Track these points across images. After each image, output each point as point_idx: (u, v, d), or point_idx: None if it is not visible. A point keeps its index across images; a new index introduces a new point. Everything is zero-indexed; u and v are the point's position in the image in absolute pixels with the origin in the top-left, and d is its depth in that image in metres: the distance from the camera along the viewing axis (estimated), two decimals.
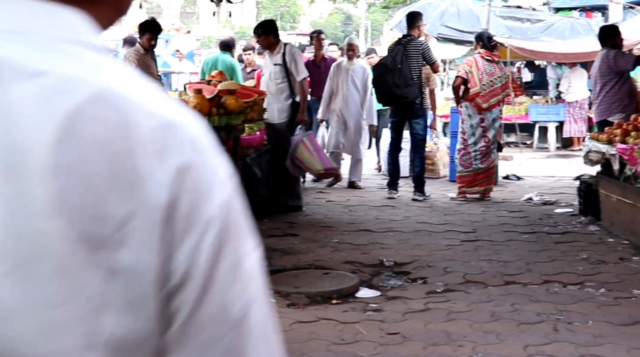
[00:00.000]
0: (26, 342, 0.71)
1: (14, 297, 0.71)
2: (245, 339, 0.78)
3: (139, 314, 0.74)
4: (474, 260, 7.02)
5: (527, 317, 5.37)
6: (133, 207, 0.73)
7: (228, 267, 0.77)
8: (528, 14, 18.51)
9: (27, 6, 0.77)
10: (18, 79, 0.73)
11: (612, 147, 8.34)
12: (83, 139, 0.73)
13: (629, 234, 7.73)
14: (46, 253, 0.71)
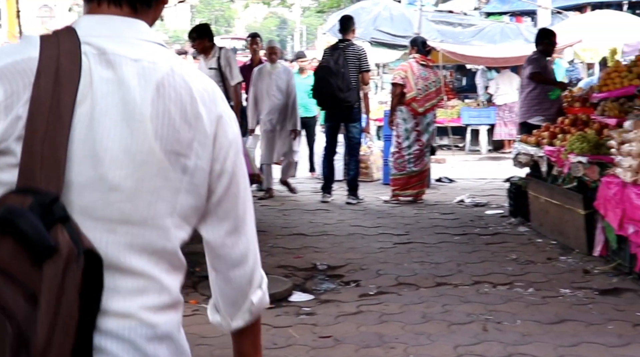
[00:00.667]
0: (138, 210, 1.44)
1: (134, 185, 1.43)
2: (246, 203, 1.66)
3: (196, 195, 1.53)
4: (406, 262, 7.10)
5: (457, 318, 5.45)
6: (194, 135, 1.50)
7: (240, 167, 1.61)
8: (459, 19, 18.79)
9: (118, 20, 1.51)
10: (125, 63, 1.46)
11: (540, 149, 8.52)
12: (166, 97, 1.47)
13: (557, 235, 7.90)
14: (152, 160, 1.45)
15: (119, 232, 1.45)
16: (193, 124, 1.50)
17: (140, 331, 1.47)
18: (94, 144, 1.43)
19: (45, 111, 1.40)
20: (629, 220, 6.19)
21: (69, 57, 1.45)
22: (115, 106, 1.44)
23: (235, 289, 1.71)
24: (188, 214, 1.54)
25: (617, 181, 6.52)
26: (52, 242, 1.31)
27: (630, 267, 6.41)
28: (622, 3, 21.30)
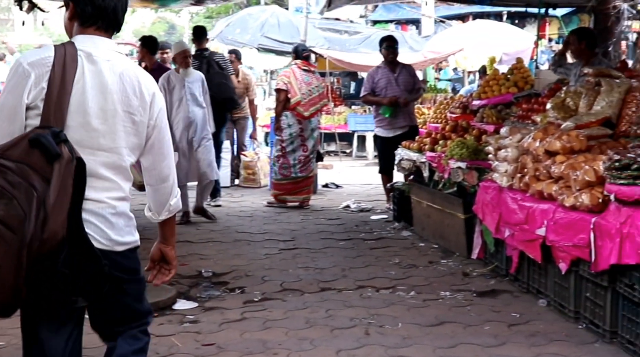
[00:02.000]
0: (107, 143, 2.84)
1: (104, 129, 2.83)
2: (169, 144, 3.07)
3: (140, 137, 2.94)
4: (291, 268, 7.13)
5: (340, 323, 5.51)
6: (140, 103, 2.91)
7: (164, 123, 3.03)
8: (346, 26, 19.04)
9: (97, 38, 2.91)
10: (102, 62, 2.86)
11: (422, 155, 8.72)
12: (124, 81, 2.88)
13: (438, 238, 8.09)
14: (116, 115, 2.86)
15: (96, 155, 2.86)
16: (139, 97, 2.94)
17: (108, 210, 2.91)
18: (83, 105, 2.83)
19: (56, 86, 2.77)
20: (505, 223, 6.40)
21: (70, 57, 2.83)
22: (96, 85, 2.86)
23: (161, 196, 3.17)
24: (134, 148, 2.98)
25: (494, 186, 6.73)
26: (59, 151, 2.64)
27: (506, 269, 6.63)
28: (501, 13, 22.03)
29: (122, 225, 2.94)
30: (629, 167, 4.92)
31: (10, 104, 2.80)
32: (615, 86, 6.54)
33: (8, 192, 2.55)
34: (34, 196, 2.56)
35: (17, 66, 2.83)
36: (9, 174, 2.58)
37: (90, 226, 2.82)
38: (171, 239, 3.27)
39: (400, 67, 10.45)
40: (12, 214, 2.54)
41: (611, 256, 4.88)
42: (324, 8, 10.31)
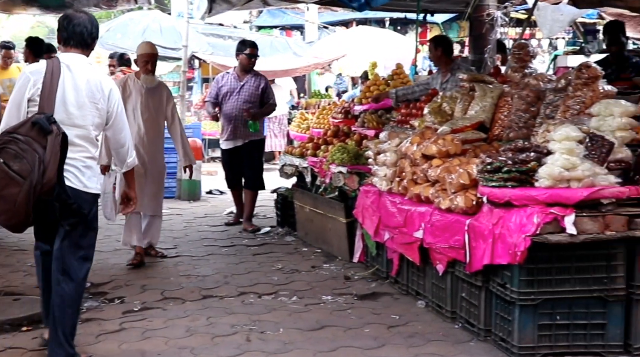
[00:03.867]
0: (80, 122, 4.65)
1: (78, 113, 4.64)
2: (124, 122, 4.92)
3: (102, 119, 4.75)
4: (173, 276, 7.04)
5: (221, 330, 5.46)
6: (101, 96, 4.71)
7: (121, 108, 4.87)
8: (230, 32, 18.96)
9: (74, 55, 4.74)
10: (76, 71, 4.67)
11: (304, 160, 8.76)
12: (90, 83, 4.67)
13: (321, 243, 8.14)
14: (85, 105, 4.66)
15: (73, 130, 4.58)
16: (100, 92, 4.70)
17: (81, 163, 4.65)
18: (64, 99, 4.58)
19: (47, 86, 4.53)
20: (385, 227, 6.49)
21: (56, 67, 4.60)
22: (72, 85, 4.61)
23: (122, 156, 4.94)
24: (98, 126, 4.73)
25: (374, 190, 6.82)
26: (50, 129, 4.34)
27: (387, 272, 6.73)
28: (384, 20, 22.39)
29: (90, 174, 4.73)
30: (500, 170, 5.07)
31: (18, 99, 4.63)
32: (489, 91, 6.74)
33: (20, 154, 4.27)
34: (37, 157, 4.28)
35: (22, 74, 4.75)
36: (20, 143, 4.30)
37: (69, 173, 4.61)
38: (132, 184, 5.16)
39: (250, 77, 9.57)
40: (24, 168, 4.26)
41: (484, 257, 5.02)
42: (205, 14, 10.18)
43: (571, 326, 4.82)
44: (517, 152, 5.23)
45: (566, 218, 4.73)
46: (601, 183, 4.84)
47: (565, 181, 4.86)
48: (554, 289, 4.80)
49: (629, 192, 4.82)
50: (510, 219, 4.87)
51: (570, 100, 5.81)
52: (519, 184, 5.01)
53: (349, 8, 9.47)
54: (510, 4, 9.87)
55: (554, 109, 6.00)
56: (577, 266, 4.82)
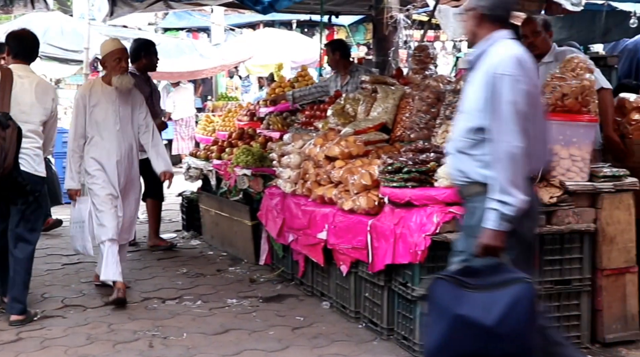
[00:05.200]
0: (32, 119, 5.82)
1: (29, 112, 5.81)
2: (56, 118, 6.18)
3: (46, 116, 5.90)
4: (74, 283, 6.89)
5: (123, 337, 5.37)
6: (47, 99, 5.90)
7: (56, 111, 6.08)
8: (134, 34, 18.60)
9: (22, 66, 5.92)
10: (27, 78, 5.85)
11: (209, 163, 8.69)
12: (38, 87, 5.85)
13: (227, 246, 8.09)
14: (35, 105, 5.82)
15: (26, 125, 5.66)
16: (47, 96, 5.90)
17: (32, 151, 5.77)
18: (18, 100, 5.69)
19: (2, 91, 5.63)
20: (289, 228, 6.49)
21: (9, 76, 5.74)
22: (23, 90, 5.75)
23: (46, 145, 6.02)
24: (43, 121, 5.87)
25: (279, 192, 6.82)
26: (8, 124, 5.44)
27: (292, 274, 6.73)
28: (291, 22, 22.40)
29: (38, 161, 5.84)
30: (401, 170, 5.14)
31: None
32: (391, 93, 6.82)
33: None
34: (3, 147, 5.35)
35: None
36: None
37: (23, 160, 5.65)
38: None
39: None
40: None
41: (386, 256, 5.08)
42: (106, 16, 9.95)
43: None
44: (418, 153, 5.32)
45: None
46: None
47: None
48: None
49: None
50: (411, 218, 4.94)
51: None
52: (419, 184, 5.09)
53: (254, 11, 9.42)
54: (412, 6, 10.00)
55: (453, 110, 6.09)
56: None
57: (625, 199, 5.13)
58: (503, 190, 3.49)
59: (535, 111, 3.63)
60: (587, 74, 5.20)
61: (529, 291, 3.35)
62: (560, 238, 5.00)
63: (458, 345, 3.35)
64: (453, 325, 3.35)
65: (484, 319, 3.28)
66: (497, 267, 3.45)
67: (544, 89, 5.25)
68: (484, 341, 3.30)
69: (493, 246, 3.50)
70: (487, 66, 3.64)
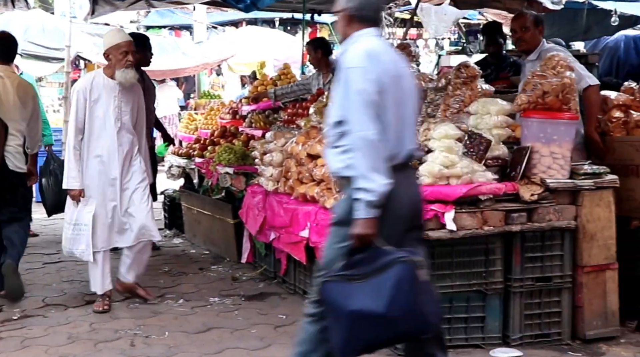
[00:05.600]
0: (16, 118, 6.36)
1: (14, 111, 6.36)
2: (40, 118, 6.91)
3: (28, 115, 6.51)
4: (55, 282, 6.86)
5: (105, 336, 5.35)
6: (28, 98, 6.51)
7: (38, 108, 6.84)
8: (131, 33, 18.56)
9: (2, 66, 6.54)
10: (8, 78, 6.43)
11: (191, 161, 8.66)
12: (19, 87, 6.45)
13: (209, 245, 8.08)
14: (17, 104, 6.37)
15: (12, 123, 6.28)
16: (27, 95, 6.49)
17: (15, 148, 6.33)
18: (3, 99, 6.26)
19: None
20: (271, 227, 6.48)
21: None
22: (8, 90, 6.32)
23: (32, 142, 6.48)
24: (25, 120, 6.39)
25: (261, 190, 6.80)
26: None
27: (275, 272, 6.72)
28: (274, 20, 22.39)
29: (20, 158, 6.32)
30: None
31: None
32: None
33: None
34: None
35: None
36: None
37: (7, 158, 6.19)
38: (33, 162, 6.63)
39: None
40: None
41: None
42: (88, 15, 9.91)
43: (452, 320, 4.93)
44: None
45: (446, 214, 4.83)
46: (479, 180, 4.98)
47: (444, 178, 4.97)
48: (436, 284, 4.86)
49: (505, 189, 4.96)
50: None
51: (450, 99, 5.93)
52: None
53: (236, 9, 9.41)
54: (394, 4, 10.02)
55: (435, 107, 6.13)
56: (457, 261, 4.93)
57: (605, 196, 5.16)
58: (364, 177, 3.55)
59: (395, 100, 3.71)
60: (568, 71, 5.23)
61: (408, 268, 3.47)
62: (541, 235, 5.03)
63: (361, 338, 3.49)
64: (350, 321, 3.48)
65: (375, 308, 3.41)
66: (375, 253, 3.55)
67: (524, 87, 5.30)
68: (383, 327, 3.45)
69: (366, 233, 3.56)
70: (343, 62, 3.78)
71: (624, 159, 5.56)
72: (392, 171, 3.65)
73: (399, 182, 3.68)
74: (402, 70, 3.85)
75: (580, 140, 5.70)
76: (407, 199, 3.77)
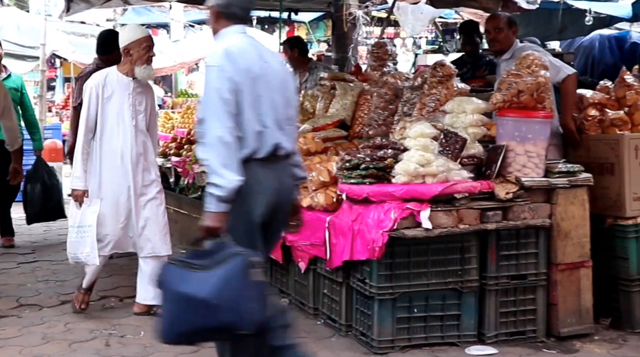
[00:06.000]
0: None
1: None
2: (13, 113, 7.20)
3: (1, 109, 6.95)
4: (30, 282, 6.81)
5: (80, 336, 5.31)
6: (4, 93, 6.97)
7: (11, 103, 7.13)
8: (92, 30, 18.49)
9: None
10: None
11: (167, 160, 8.62)
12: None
13: (186, 244, 8.03)
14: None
15: None
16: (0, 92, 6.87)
17: None
18: None
19: None
20: None
21: None
22: None
23: (10, 139, 6.94)
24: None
25: None
26: None
27: None
28: (251, 18, 22.33)
29: None
30: (358, 167, 5.14)
31: None
32: (349, 90, 6.84)
33: None
34: None
35: None
36: None
37: None
38: (18, 160, 7.10)
39: None
40: None
41: (344, 253, 5.08)
42: (63, 12, 9.86)
43: (428, 318, 4.95)
44: (375, 150, 5.32)
45: (422, 213, 4.85)
46: (454, 178, 4.99)
47: (420, 176, 4.98)
48: (412, 283, 4.91)
49: (480, 187, 4.98)
50: (369, 215, 4.95)
51: (426, 98, 5.95)
52: (377, 180, 5.10)
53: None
54: (370, 3, 10.04)
55: (411, 106, 6.14)
56: (433, 259, 4.94)
57: (579, 194, 5.20)
58: (215, 172, 3.64)
59: (255, 98, 3.79)
60: (542, 70, 5.26)
61: (243, 263, 3.52)
62: (516, 233, 5.06)
63: (184, 321, 3.54)
64: (177, 303, 3.53)
65: (200, 292, 3.46)
66: (219, 247, 3.62)
67: (499, 86, 5.32)
68: (204, 313, 3.48)
69: (213, 227, 3.65)
70: (206, 61, 3.91)
71: (598, 157, 5.61)
72: (254, 166, 3.77)
73: (261, 177, 3.79)
74: (268, 68, 3.90)
75: (556, 139, 5.74)
76: (268, 193, 3.85)
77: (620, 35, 10.96)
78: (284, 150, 3.94)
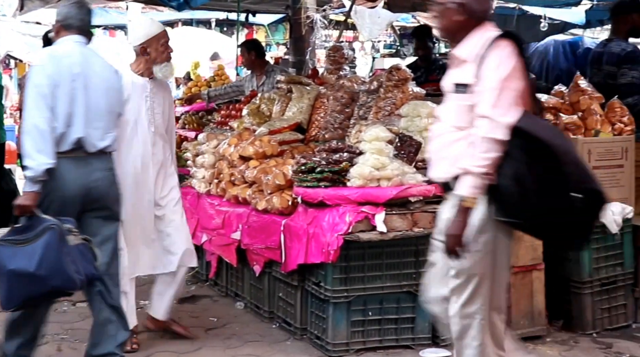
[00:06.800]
0: None
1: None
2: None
3: None
4: None
5: None
6: None
7: None
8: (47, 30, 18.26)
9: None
10: None
11: None
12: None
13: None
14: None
15: None
16: None
17: None
18: None
19: None
20: (203, 229, 6.44)
21: None
22: None
23: None
24: None
25: (193, 192, 6.75)
26: None
27: (206, 275, 6.68)
28: (210, 20, 22.24)
29: None
30: (314, 170, 5.15)
31: None
32: (306, 93, 6.84)
33: None
34: None
35: None
36: None
37: None
38: None
39: None
40: None
41: (299, 256, 5.09)
42: (17, 11, 9.71)
43: (382, 321, 4.97)
44: (331, 153, 5.33)
45: (376, 216, 4.87)
46: (409, 182, 5.02)
47: (375, 180, 5.00)
48: (366, 286, 4.93)
49: (435, 190, 4.99)
50: (324, 218, 4.96)
51: (382, 101, 5.98)
52: (332, 184, 5.12)
53: (168, 7, 9.33)
54: (328, 6, 10.05)
55: (367, 110, 6.16)
56: (387, 262, 4.96)
57: None
58: (29, 156, 4.07)
59: (71, 95, 4.20)
60: None
61: (56, 233, 3.99)
62: None
63: (19, 293, 4.03)
64: (10, 279, 4.00)
65: (28, 267, 3.95)
66: (35, 222, 4.04)
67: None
68: (35, 284, 3.99)
69: (26, 204, 4.07)
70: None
71: None
72: (60, 156, 4.16)
73: (65, 166, 4.19)
74: (89, 71, 4.30)
75: None
76: (73, 181, 4.24)
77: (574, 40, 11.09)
78: (93, 146, 4.30)
